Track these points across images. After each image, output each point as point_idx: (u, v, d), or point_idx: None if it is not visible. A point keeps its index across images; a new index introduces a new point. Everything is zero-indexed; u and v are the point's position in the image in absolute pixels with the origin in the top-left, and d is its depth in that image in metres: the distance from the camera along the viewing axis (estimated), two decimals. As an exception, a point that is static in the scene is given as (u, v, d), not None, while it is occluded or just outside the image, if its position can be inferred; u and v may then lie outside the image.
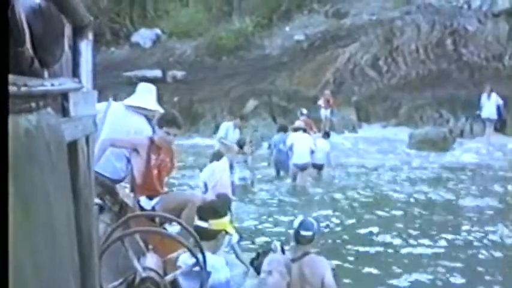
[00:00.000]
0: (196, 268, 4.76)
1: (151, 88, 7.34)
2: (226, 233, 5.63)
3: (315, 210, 12.73)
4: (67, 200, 1.77)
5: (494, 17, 27.30)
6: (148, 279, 4.55)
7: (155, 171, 6.62)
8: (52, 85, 1.69)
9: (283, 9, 29.88)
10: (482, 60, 26.54)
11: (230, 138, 15.16)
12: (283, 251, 6.64)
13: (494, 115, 22.35)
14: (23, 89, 1.45)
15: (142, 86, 7.35)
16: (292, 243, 6.44)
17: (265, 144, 18.98)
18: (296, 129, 16.96)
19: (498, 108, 22.26)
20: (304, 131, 16.91)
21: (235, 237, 8.38)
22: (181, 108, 25.01)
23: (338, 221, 12.05)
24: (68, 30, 1.91)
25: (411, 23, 27.82)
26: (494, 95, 22.28)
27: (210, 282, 4.97)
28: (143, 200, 6.51)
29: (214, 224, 5.42)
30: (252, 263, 7.29)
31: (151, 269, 4.63)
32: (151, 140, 6.64)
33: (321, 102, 24.32)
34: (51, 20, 1.69)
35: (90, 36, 2.09)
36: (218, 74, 27.68)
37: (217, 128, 17.67)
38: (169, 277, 4.74)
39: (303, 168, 15.85)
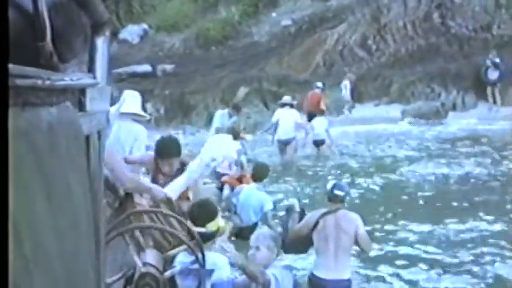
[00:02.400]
0: (195, 266, 4.83)
1: (137, 94, 7.61)
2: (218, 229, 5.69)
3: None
4: (85, 192, 1.80)
5: None
6: (147, 275, 4.58)
7: None
8: (71, 80, 1.72)
9: None
10: (470, 32, 26.57)
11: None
12: (303, 210, 7.70)
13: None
14: (47, 82, 1.48)
15: (130, 93, 7.48)
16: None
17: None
18: (283, 105, 17.07)
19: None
20: (291, 106, 17.01)
21: (269, 205, 9.14)
22: (172, 101, 26.11)
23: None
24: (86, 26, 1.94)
25: None
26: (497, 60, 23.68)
27: (212, 280, 5.10)
28: None
29: (211, 226, 5.47)
30: (282, 222, 8.05)
31: (151, 265, 4.66)
32: (157, 163, 6.72)
33: (343, 84, 25.08)
34: (71, 16, 1.73)
35: (107, 32, 2.11)
36: (208, 65, 27.82)
37: (210, 117, 17.75)
38: (168, 273, 4.80)
39: (286, 143, 16.24)
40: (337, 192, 7.14)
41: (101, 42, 2.06)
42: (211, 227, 5.43)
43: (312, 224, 7.07)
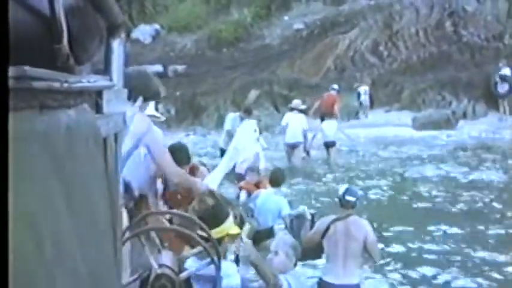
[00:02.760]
0: (211, 268, 4.62)
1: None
2: (228, 235, 5.34)
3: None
4: (103, 194, 1.81)
5: None
6: (163, 276, 4.47)
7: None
8: (88, 82, 1.72)
9: None
10: (482, 41, 26.54)
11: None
12: (312, 217, 7.87)
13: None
14: (65, 85, 1.49)
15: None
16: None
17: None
18: (292, 109, 17.20)
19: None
20: (301, 111, 17.09)
21: (286, 210, 9.07)
22: (183, 102, 26.19)
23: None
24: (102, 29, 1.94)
25: (410, 6, 27.78)
26: (507, 70, 23.65)
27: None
28: None
29: (216, 232, 5.05)
30: (291, 226, 8.26)
31: (166, 266, 4.53)
32: None
33: (362, 89, 25.07)
34: (87, 19, 1.73)
35: (123, 34, 2.11)
36: (219, 66, 27.88)
37: (221, 119, 18.01)
38: (184, 274, 4.65)
39: (293, 146, 16.43)
40: (348, 198, 7.17)
41: (116, 44, 2.08)
42: (216, 233, 5.02)
43: (323, 230, 7.13)
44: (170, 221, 5.48)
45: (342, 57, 27.52)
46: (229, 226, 5.25)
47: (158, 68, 27.42)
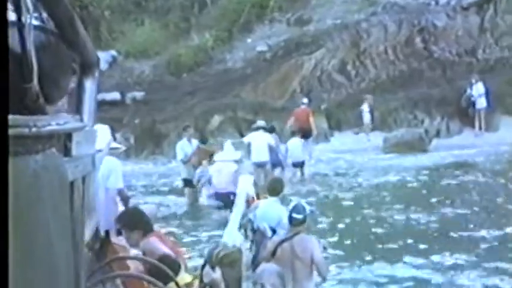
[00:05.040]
0: None
1: (107, 128, 7.59)
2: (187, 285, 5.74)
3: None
4: (67, 240, 1.79)
5: (463, 10, 26.88)
6: None
7: None
8: (58, 124, 1.70)
9: (243, 21, 29.55)
10: (454, 56, 26.45)
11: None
12: (274, 231, 8.37)
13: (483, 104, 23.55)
14: (34, 130, 1.51)
15: (100, 127, 7.15)
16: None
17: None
18: (258, 128, 17.41)
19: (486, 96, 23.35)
20: (265, 130, 17.30)
21: (286, 219, 8.75)
22: (143, 130, 25.81)
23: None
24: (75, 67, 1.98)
25: (377, 24, 27.53)
26: (480, 84, 23.38)
27: None
28: None
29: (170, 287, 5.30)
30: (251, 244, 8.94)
31: None
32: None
33: (364, 106, 24.76)
34: (59, 55, 1.79)
35: (96, 73, 2.16)
36: (179, 92, 27.49)
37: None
38: None
39: (260, 165, 16.54)
40: (295, 215, 7.31)
41: (89, 84, 2.13)
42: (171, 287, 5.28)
43: (271, 252, 7.31)
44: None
45: (308, 78, 27.17)
46: (182, 277, 5.64)
47: (116, 95, 27.28)
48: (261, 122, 18.00)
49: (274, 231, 9.08)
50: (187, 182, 15.57)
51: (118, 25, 30.99)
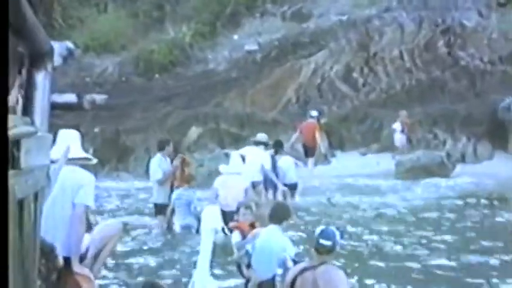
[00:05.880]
0: None
1: (76, 133, 7.54)
2: None
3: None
4: (13, 273, 1.64)
5: (500, 7, 25.41)
6: None
7: None
8: None
9: (229, 13, 28.21)
10: (485, 64, 24.71)
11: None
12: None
13: None
14: None
15: (67, 133, 7.39)
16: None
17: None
18: (257, 143, 16.39)
19: None
20: (266, 146, 16.49)
21: (291, 251, 8.71)
22: (104, 141, 24.17)
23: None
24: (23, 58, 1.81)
25: (392, 22, 26.05)
26: None
27: None
28: None
29: None
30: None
31: None
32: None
33: (397, 125, 22.99)
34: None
35: (50, 67, 2.06)
36: (150, 97, 25.91)
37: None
38: None
39: (252, 185, 15.39)
40: (323, 241, 6.87)
41: (41, 78, 2.06)
42: None
43: (289, 282, 6.93)
44: None
45: (305, 86, 25.53)
46: None
47: (71, 97, 25.32)
48: (262, 136, 16.69)
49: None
50: (161, 208, 13.83)
51: (75, 10, 29.61)
